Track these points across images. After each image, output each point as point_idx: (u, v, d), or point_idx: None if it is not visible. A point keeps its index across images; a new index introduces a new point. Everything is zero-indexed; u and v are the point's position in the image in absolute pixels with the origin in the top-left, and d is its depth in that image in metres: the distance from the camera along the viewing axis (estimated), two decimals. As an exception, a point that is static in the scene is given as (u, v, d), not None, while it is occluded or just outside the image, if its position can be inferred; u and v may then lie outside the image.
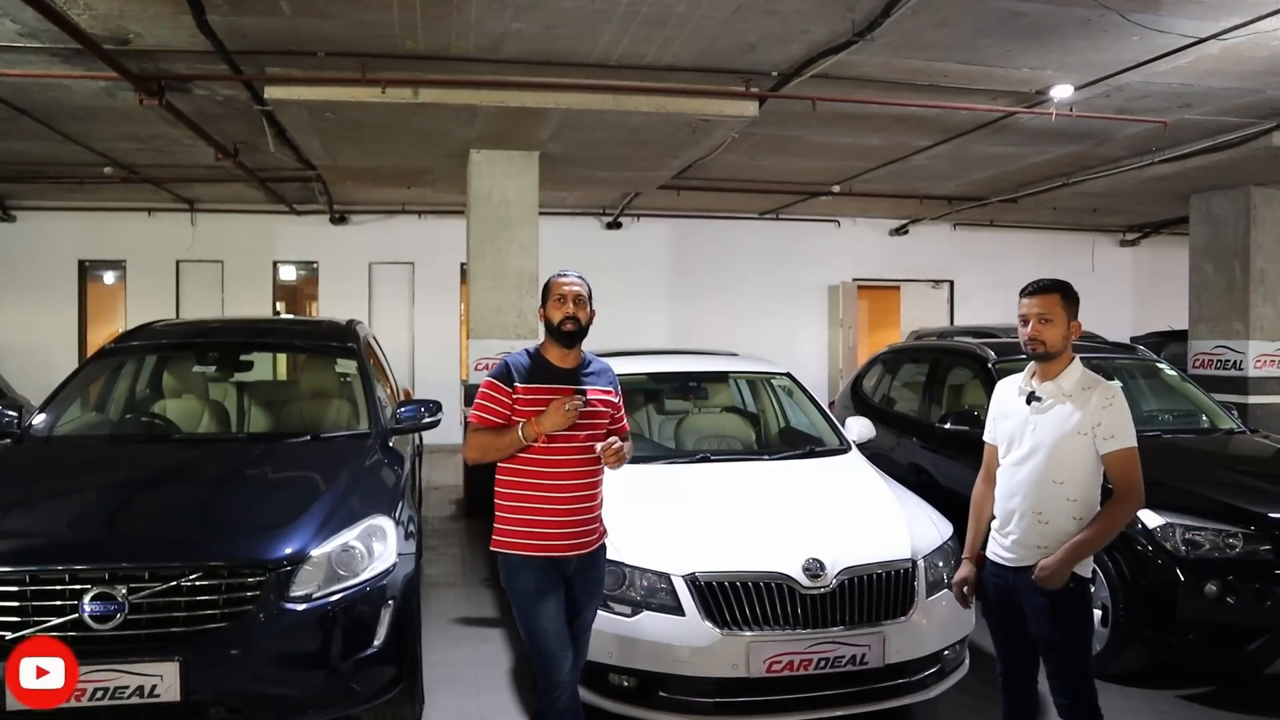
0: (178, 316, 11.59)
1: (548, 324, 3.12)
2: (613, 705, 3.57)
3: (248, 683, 3.12)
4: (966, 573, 3.19)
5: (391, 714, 3.60)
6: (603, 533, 3.22)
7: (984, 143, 8.46)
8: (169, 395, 5.05)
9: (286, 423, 4.96)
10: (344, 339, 5.28)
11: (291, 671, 3.21)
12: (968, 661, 3.85)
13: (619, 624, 3.50)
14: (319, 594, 3.24)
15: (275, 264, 12.62)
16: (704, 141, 7.76)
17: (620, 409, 3.26)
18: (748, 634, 3.40)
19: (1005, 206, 11.95)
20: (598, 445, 3.04)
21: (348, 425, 4.72)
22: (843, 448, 4.99)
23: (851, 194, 11.18)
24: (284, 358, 7.80)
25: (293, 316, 12.19)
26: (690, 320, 12.97)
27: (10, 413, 4.30)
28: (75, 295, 12.15)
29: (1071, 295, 2.98)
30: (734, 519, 3.96)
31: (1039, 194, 10.81)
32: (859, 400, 7.57)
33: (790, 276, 13.51)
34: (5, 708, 2.90)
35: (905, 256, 13.98)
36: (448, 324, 12.65)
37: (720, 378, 5.86)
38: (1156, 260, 14.78)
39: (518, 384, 3.06)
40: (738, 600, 3.45)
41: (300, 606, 3.19)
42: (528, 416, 3.01)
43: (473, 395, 3.18)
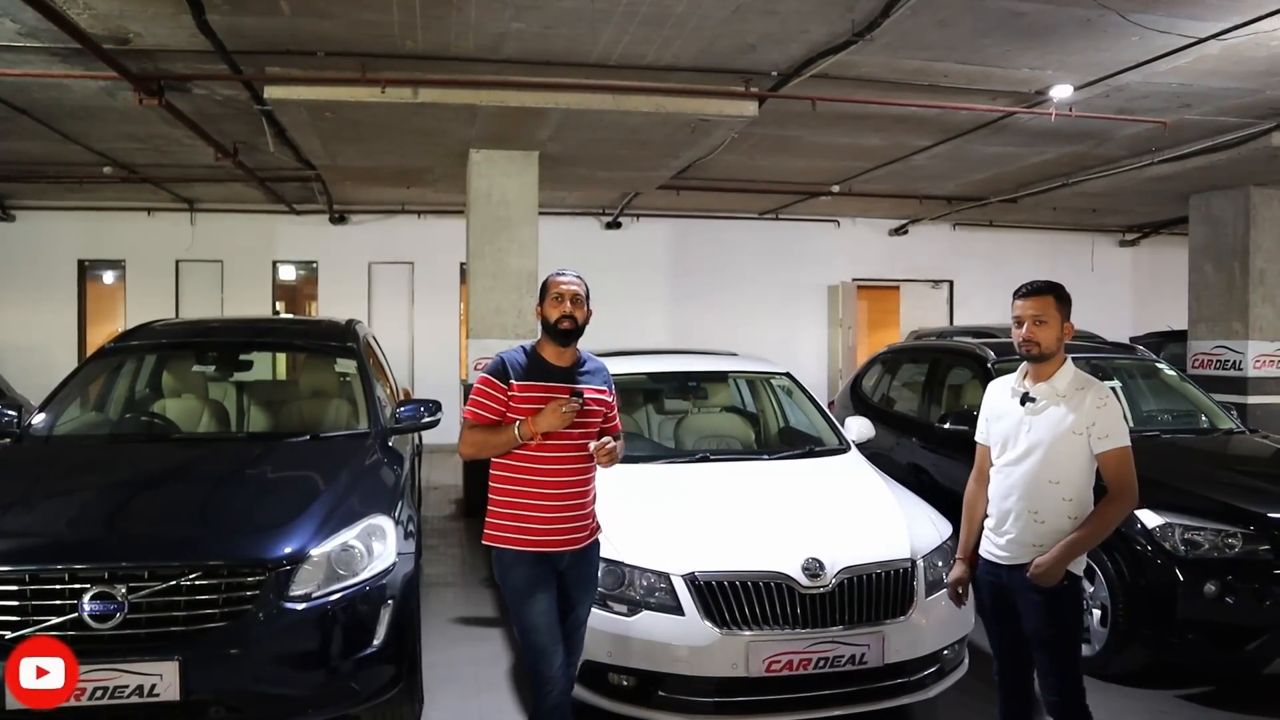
0: (177, 316, 11.59)
1: (544, 322, 3.14)
2: (612, 705, 3.56)
3: (247, 682, 3.12)
4: (960, 572, 3.22)
5: (391, 713, 3.60)
6: (596, 528, 3.24)
7: (984, 143, 8.46)
8: (168, 395, 5.05)
9: (286, 422, 4.96)
10: (343, 339, 5.28)
11: (291, 671, 3.21)
12: (967, 661, 3.85)
13: (618, 623, 3.50)
14: (318, 593, 3.24)
15: (275, 264, 12.63)
16: (704, 141, 7.76)
17: (614, 408, 3.29)
18: (747, 633, 3.40)
19: (1005, 207, 11.96)
20: (591, 444, 3.06)
21: (347, 425, 4.72)
22: (842, 447, 4.99)
23: (851, 194, 11.18)
24: (283, 357, 7.80)
25: (292, 316, 12.19)
26: (690, 320, 12.97)
27: (10, 412, 4.30)
28: (75, 295, 12.16)
29: (1065, 297, 3.00)
30: (733, 519, 3.96)
31: (1038, 194, 10.82)
32: (858, 400, 7.57)
33: (790, 276, 13.52)
34: (5, 707, 2.90)
35: (905, 256, 13.98)
36: (447, 324, 12.66)
37: (720, 377, 5.86)
38: (1156, 260, 14.79)
39: (513, 381, 3.07)
40: (737, 600, 3.45)
41: (300, 606, 3.19)
42: (523, 414, 3.02)
43: (472, 395, 3.20)
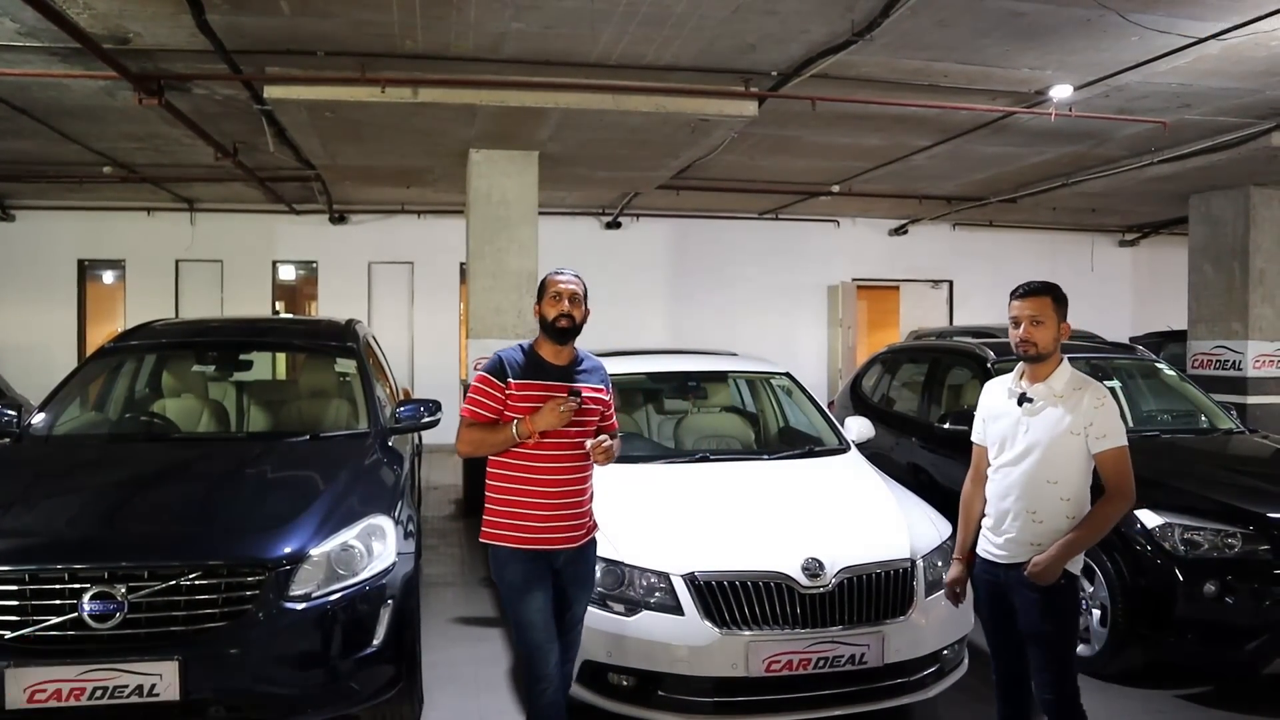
0: (177, 316, 11.59)
1: (542, 320, 3.16)
2: (612, 705, 3.57)
3: (247, 682, 3.12)
4: (957, 572, 3.24)
5: (390, 713, 3.60)
6: (592, 526, 3.25)
7: (983, 143, 8.46)
8: (168, 394, 5.05)
9: (286, 422, 4.96)
10: (343, 338, 5.27)
11: (290, 671, 3.21)
12: (966, 661, 3.86)
13: (618, 623, 3.50)
14: (318, 593, 3.24)
15: (274, 263, 12.63)
16: (703, 141, 7.76)
17: (610, 406, 3.30)
18: (747, 633, 3.40)
19: (1004, 206, 11.96)
20: (588, 442, 3.07)
21: (347, 425, 4.72)
22: (842, 447, 4.99)
23: (851, 194, 11.18)
24: (283, 357, 7.79)
25: (292, 316, 12.18)
26: (689, 320, 12.98)
27: (9, 412, 4.29)
28: (74, 295, 12.16)
29: (1061, 298, 3.01)
30: (733, 519, 3.96)
31: (1038, 194, 10.82)
32: (858, 400, 7.57)
33: (789, 276, 13.52)
34: (5, 707, 2.90)
35: (904, 256, 13.99)
36: (447, 324, 12.66)
37: (719, 377, 5.86)
38: (1156, 260, 14.80)
39: (511, 380, 3.08)
40: (737, 600, 3.45)
41: (299, 606, 3.19)
42: (521, 412, 3.04)
43: (472, 395, 3.21)
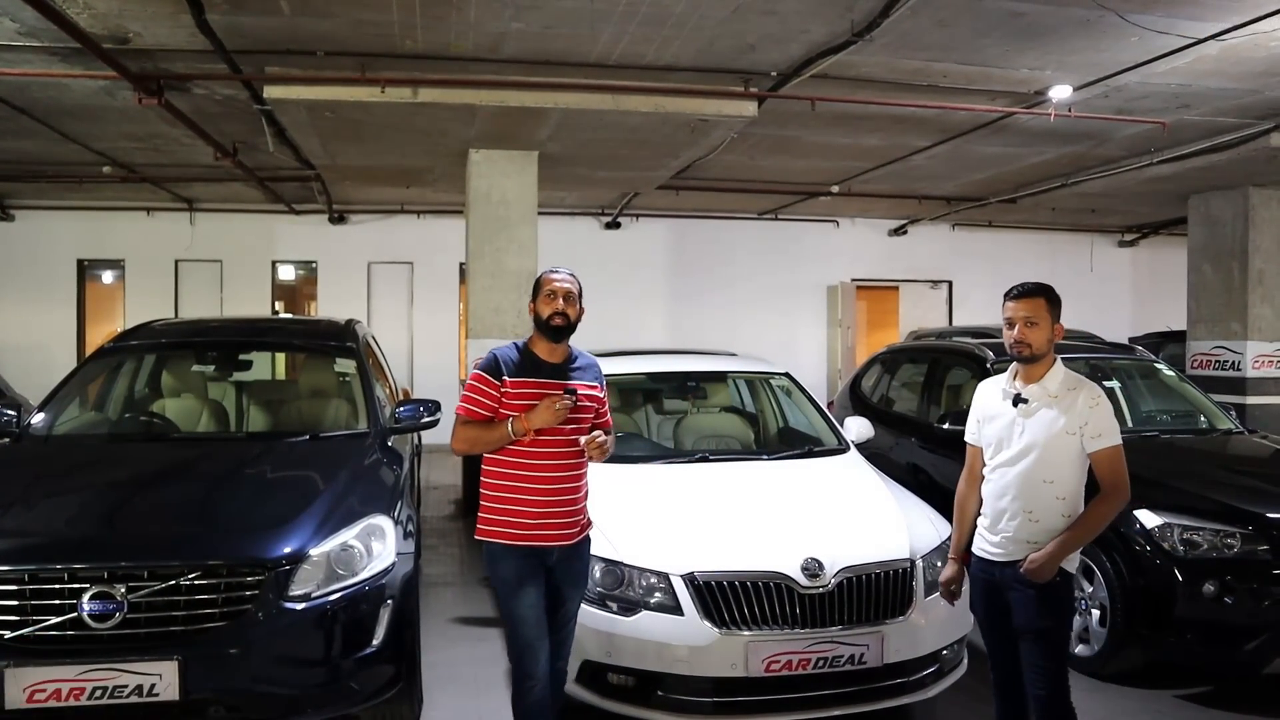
0: (176, 316, 11.59)
1: (537, 318, 3.18)
2: (611, 705, 3.57)
3: (246, 682, 3.13)
4: (952, 572, 3.25)
5: (390, 713, 3.60)
6: (587, 524, 3.26)
7: (983, 143, 8.46)
8: (168, 394, 5.05)
9: (285, 422, 4.96)
10: (343, 338, 5.28)
11: (290, 670, 3.22)
12: (966, 661, 3.86)
13: (617, 623, 3.50)
14: (318, 593, 3.24)
15: (274, 263, 12.63)
16: (703, 141, 7.76)
17: (605, 404, 3.32)
18: (746, 633, 3.41)
19: (1004, 207, 11.96)
20: (582, 438, 3.09)
21: (346, 425, 4.72)
22: (841, 448, 4.99)
23: (850, 194, 11.18)
24: (283, 357, 7.80)
25: (292, 316, 12.18)
26: (689, 320, 12.98)
27: (9, 412, 4.29)
28: (74, 294, 12.16)
29: (1055, 299, 3.03)
30: (733, 519, 3.96)
31: (1038, 194, 10.82)
32: (857, 400, 7.57)
33: (789, 277, 13.52)
34: (5, 707, 2.90)
35: (904, 257, 13.99)
36: (446, 324, 12.66)
37: (719, 378, 5.86)
38: (1155, 261, 14.80)
39: (506, 378, 3.10)
40: (736, 600, 3.46)
41: (299, 606, 3.19)
42: (516, 410, 3.06)
43: (471, 394, 3.21)
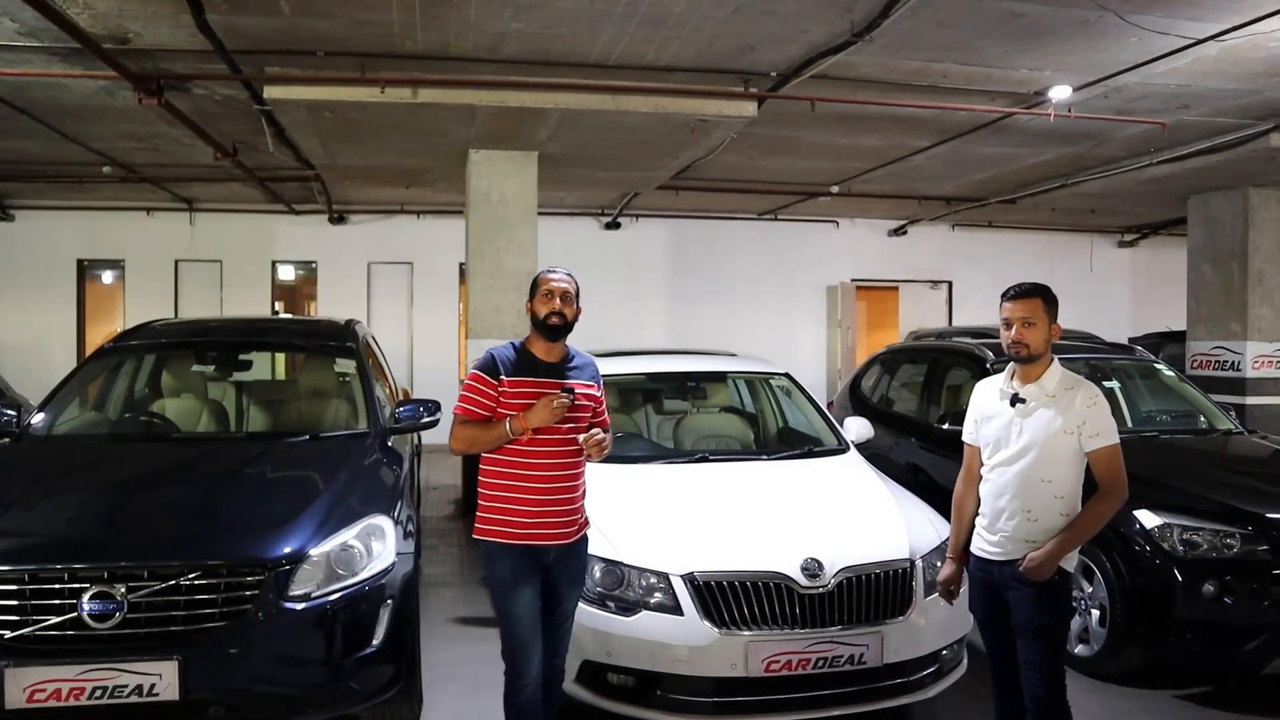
0: (176, 316, 11.59)
1: (534, 318, 3.19)
2: (611, 704, 3.57)
3: (246, 682, 3.13)
4: (950, 571, 3.27)
5: (390, 713, 3.60)
6: (584, 523, 3.26)
7: (982, 143, 8.46)
8: (168, 394, 5.04)
9: (285, 422, 4.96)
10: (343, 338, 5.28)
11: (290, 670, 3.21)
12: (966, 661, 3.86)
13: (617, 623, 3.50)
14: (318, 593, 3.24)
15: (274, 264, 12.63)
16: (703, 142, 7.76)
17: (602, 402, 3.33)
18: (746, 633, 3.41)
19: (1003, 207, 11.96)
20: (581, 437, 3.10)
21: (346, 425, 4.72)
22: (841, 448, 4.99)
23: (850, 194, 11.19)
24: (283, 357, 7.80)
25: (291, 316, 12.18)
26: (689, 320, 12.98)
27: (9, 411, 4.29)
28: (74, 294, 12.15)
29: (1052, 299, 3.05)
30: (732, 519, 3.96)
31: (1037, 195, 10.82)
32: (857, 400, 7.58)
33: (789, 277, 13.53)
34: (5, 707, 2.90)
35: (904, 257, 13.99)
36: (446, 324, 12.66)
37: (719, 378, 5.86)
38: (1155, 261, 14.80)
39: (504, 377, 3.11)
40: (736, 600, 3.46)
41: (299, 606, 3.19)
42: (513, 409, 3.07)
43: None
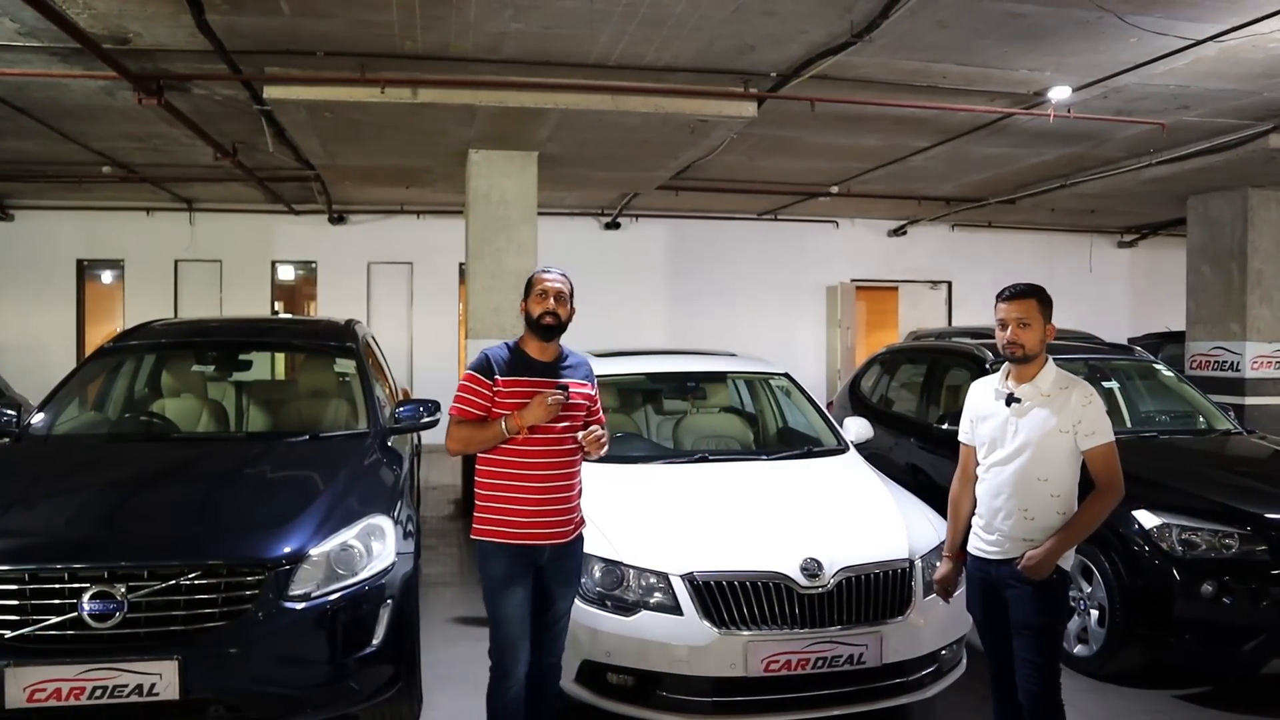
0: (176, 316, 11.59)
1: (528, 317, 3.21)
2: (610, 704, 3.57)
3: (246, 681, 3.13)
4: (947, 570, 3.27)
5: (390, 713, 3.61)
6: (580, 523, 3.27)
7: (982, 144, 8.47)
8: (168, 394, 5.05)
9: (285, 422, 4.97)
10: (343, 338, 5.28)
11: (290, 670, 3.22)
12: (965, 661, 3.86)
13: (617, 623, 3.50)
14: (318, 593, 3.24)
15: (274, 264, 12.63)
16: (702, 142, 7.76)
17: (597, 401, 3.34)
18: (746, 633, 3.41)
19: (1003, 208, 11.96)
20: (579, 434, 3.12)
21: (346, 425, 4.72)
22: (840, 448, 5.00)
23: (850, 195, 11.19)
24: (283, 357, 7.80)
25: (291, 316, 12.18)
26: (688, 320, 12.98)
27: (9, 411, 4.30)
28: (74, 294, 12.15)
29: (1046, 300, 3.07)
30: (732, 519, 3.96)
31: (1037, 195, 10.82)
32: (857, 401, 7.58)
33: (788, 277, 13.53)
34: (5, 706, 2.91)
35: (903, 257, 14.00)
36: (446, 324, 12.66)
37: (718, 378, 5.86)
38: (1154, 261, 14.80)
39: (498, 377, 3.12)
40: (735, 600, 3.46)
41: (299, 605, 3.19)
42: (508, 409, 3.08)
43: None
